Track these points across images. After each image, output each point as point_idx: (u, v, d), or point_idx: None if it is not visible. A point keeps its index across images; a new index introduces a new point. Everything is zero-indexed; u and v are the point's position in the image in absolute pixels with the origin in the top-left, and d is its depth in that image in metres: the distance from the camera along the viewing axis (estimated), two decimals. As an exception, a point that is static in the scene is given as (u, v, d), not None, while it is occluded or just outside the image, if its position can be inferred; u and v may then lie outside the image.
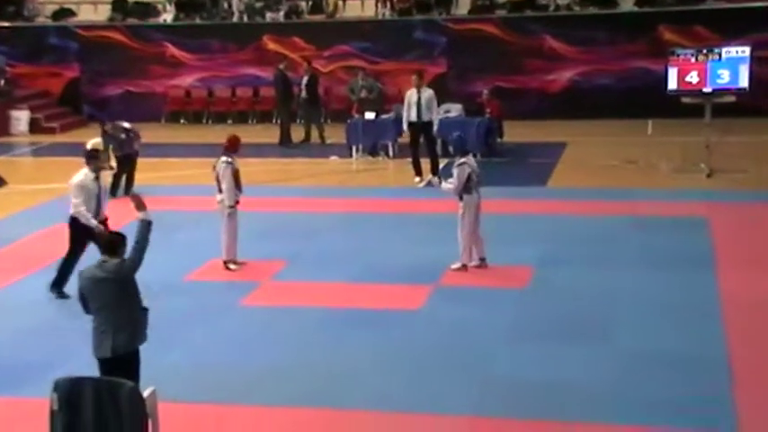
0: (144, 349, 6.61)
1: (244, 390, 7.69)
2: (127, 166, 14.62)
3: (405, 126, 15.40)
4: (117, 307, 6.42)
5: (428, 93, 15.18)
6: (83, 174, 9.87)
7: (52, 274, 10.16)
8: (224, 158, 10.69)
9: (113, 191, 13.80)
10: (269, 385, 7.78)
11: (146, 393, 5.97)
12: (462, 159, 10.38)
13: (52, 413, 5.74)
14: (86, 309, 6.59)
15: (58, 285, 9.98)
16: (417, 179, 15.31)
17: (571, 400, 7.30)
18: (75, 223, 9.86)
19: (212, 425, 7.18)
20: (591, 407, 7.18)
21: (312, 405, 7.40)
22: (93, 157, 10.12)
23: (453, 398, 7.41)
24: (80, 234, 9.85)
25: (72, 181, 9.86)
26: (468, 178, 10.28)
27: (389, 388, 7.66)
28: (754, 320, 8.89)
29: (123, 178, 14.54)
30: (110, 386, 5.74)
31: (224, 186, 10.64)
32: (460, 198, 10.34)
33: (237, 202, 10.76)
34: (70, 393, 5.70)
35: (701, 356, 8.03)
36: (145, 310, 6.61)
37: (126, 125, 14.83)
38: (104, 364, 6.44)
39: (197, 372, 8.05)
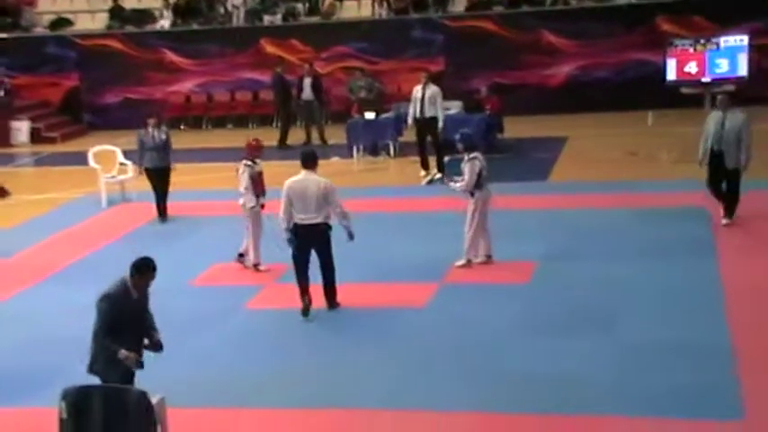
0: (150, 355, 6.64)
1: (251, 393, 7.71)
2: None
3: (409, 120, 15.67)
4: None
5: (432, 89, 15.32)
6: None
7: (56, 284, 10.17)
8: (243, 162, 10.82)
9: None
10: (277, 388, 7.80)
11: (154, 400, 5.99)
12: (472, 155, 10.39)
13: (61, 422, 5.76)
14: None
15: None
16: (422, 173, 15.43)
17: (578, 392, 7.31)
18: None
19: (221, 428, 7.20)
20: (598, 399, 7.19)
21: (321, 406, 7.42)
22: None
23: (462, 394, 7.42)
24: None
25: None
26: (479, 174, 10.30)
27: (398, 387, 7.68)
28: (756, 308, 8.91)
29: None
30: (118, 393, 5.76)
31: (240, 189, 10.73)
32: (471, 194, 10.35)
33: (262, 206, 10.76)
34: (78, 401, 5.72)
35: (706, 345, 8.05)
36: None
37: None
38: None
39: (204, 376, 8.07)
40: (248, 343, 8.85)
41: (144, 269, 6.56)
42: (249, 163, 10.74)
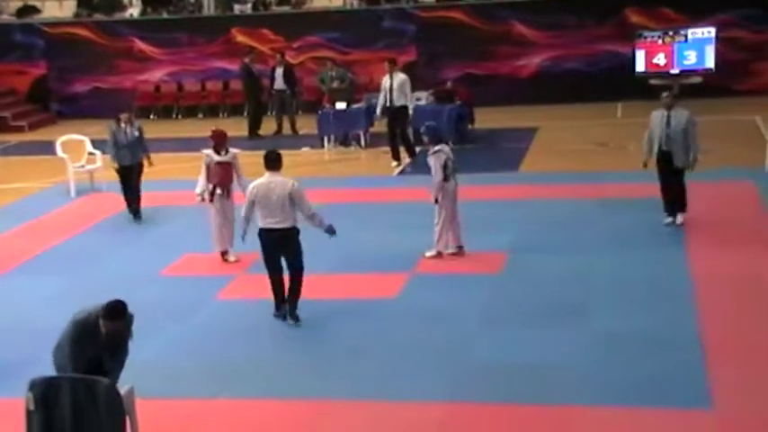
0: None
1: (221, 384, 7.68)
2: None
3: (378, 111, 15.63)
4: None
5: (399, 78, 15.32)
6: None
7: (23, 274, 10.07)
8: (204, 150, 10.87)
9: None
10: (247, 378, 7.78)
11: (123, 390, 5.95)
12: (437, 147, 10.40)
13: (28, 413, 5.70)
14: None
15: None
16: (394, 164, 15.46)
17: (547, 382, 7.36)
18: None
19: (190, 419, 7.17)
20: (567, 389, 7.24)
21: (291, 397, 7.41)
22: None
23: (431, 384, 7.45)
24: None
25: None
26: (445, 165, 10.30)
27: (369, 377, 7.68)
28: (725, 298, 9.00)
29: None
30: (86, 384, 5.70)
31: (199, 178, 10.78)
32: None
33: (228, 193, 10.72)
34: (46, 392, 5.66)
35: (675, 335, 8.13)
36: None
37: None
38: None
39: (174, 367, 8.03)
40: (219, 334, 8.81)
41: (113, 314, 5.83)
42: (208, 152, 10.76)
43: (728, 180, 13.22)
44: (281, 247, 8.79)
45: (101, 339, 5.89)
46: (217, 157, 10.71)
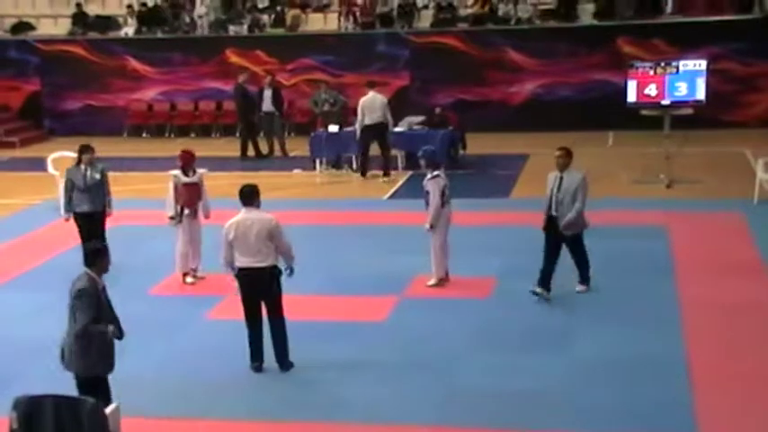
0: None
1: (209, 403, 7.66)
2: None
3: (358, 128, 16.71)
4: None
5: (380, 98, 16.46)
6: None
7: (11, 291, 10.03)
8: (172, 172, 10.90)
9: None
10: (234, 399, 7.77)
11: (108, 410, 5.91)
12: (435, 173, 10.39)
13: None
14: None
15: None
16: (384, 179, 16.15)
17: (533, 408, 7.37)
18: None
19: (176, 439, 7.14)
20: (552, 415, 7.25)
21: (276, 418, 7.39)
22: None
23: (418, 408, 7.45)
24: None
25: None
26: (443, 192, 10.30)
27: (354, 400, 7.67)
28: (712, 327, 9.04)
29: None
30: (70, 404, 5.68)
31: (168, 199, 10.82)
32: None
33: (196, 214, 10.83)
34: (30, 412, 5.63)
35: (661, 363, 8.15)
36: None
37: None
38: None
39: (161, 386, 8.01)
40: (207, 353, 8.78)
41: (100, 254, 6.82)
42: (176, 173, 10.77)
43: (718, 211, 13.29)
44: (258, 290, 8.20)
45: (101, 288, 6.72)
46: (184, 179, 10.73)
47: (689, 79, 15.16)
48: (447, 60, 21.31)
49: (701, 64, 15.23)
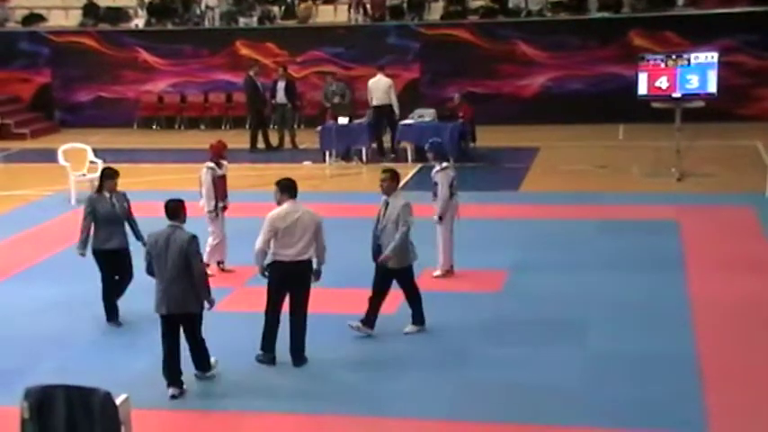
0: (117, 355, 6.59)
1: (218, 396, 7.67)
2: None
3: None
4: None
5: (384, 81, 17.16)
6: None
7: (22, 282, 10.06)
8: (206, 164, 10.75)
9: None
10: (244, 391, 7.77)
11: (119, 400, 5.93)
12: (444, 164, 10.39)
13: (23, 421, 5.68)
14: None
15: None
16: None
17: (544, 402, 7.36)
18: None
19: (187, 431, 7.15)
20: (564, 409, 7.24)
21: (287, 410, 7.40)
22: None
23: (429, 401, 7.44)
24: None
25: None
26: (451, 184, 10.30)
27: (365, 393, 7.67)
28: (723, 322, 9.01)
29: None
30: (82, 393, 5.69)
31: (202, 192, 10.68)
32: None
33: (225, 208, 10.78)
34: (41, 401, 5.65)
35: (672, 358, 8.12)
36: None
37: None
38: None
39: (171, 378, 8.01)
40: (216, 346, 8.78)
41: (180, 207, 7.90)
42: (212, 165, 10.72)
43: (728, 205, 13.23)
44: (293, 282, 8.11)
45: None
46: (219, 171, 10.73)
47: (700, 72, 15.08)
48: (457, 53, 21.26)
49: (713, 56, 15.14)
